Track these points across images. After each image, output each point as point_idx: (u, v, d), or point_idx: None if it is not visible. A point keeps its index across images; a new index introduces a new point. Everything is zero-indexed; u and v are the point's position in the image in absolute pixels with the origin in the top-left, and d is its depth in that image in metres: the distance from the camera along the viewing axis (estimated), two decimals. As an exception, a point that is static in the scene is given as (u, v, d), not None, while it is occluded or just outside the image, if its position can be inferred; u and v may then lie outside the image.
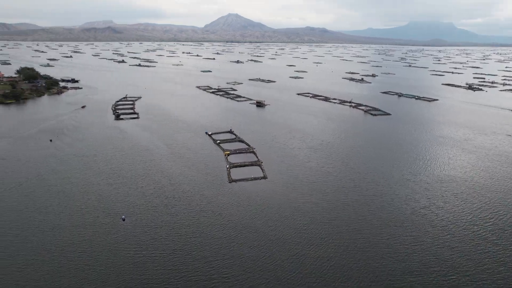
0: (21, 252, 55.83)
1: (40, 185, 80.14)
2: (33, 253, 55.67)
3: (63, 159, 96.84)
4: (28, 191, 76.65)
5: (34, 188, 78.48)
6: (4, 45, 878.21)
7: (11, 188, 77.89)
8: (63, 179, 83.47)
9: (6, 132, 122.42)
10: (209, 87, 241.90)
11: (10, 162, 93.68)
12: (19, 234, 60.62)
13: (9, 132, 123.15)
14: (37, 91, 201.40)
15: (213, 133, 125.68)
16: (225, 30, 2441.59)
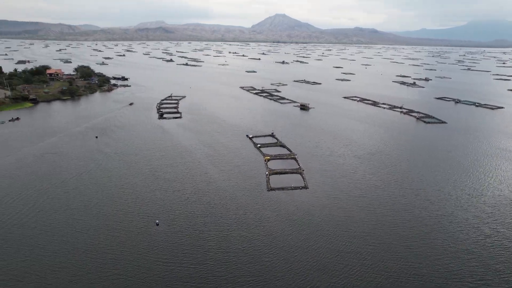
0: (57, 252, 55.80)
1: (82, 183, 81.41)
2: (68, 254, 55.41)
3: (105, 157, 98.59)
4: (70, 188, 78.07)
5: (76, 185, 79.81)
6: (68, 45, 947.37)
7: (56, 185, 79.94)
8: (103, 178, 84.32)
9: (59, 128, 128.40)
10: (253, 88, 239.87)
11: (58, 158, 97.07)
12: (57, 233, 61.09)
13: (61, 128, 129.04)
14: (90, 88, 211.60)
15: (254, 136, 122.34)
16: (272, 31, 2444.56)
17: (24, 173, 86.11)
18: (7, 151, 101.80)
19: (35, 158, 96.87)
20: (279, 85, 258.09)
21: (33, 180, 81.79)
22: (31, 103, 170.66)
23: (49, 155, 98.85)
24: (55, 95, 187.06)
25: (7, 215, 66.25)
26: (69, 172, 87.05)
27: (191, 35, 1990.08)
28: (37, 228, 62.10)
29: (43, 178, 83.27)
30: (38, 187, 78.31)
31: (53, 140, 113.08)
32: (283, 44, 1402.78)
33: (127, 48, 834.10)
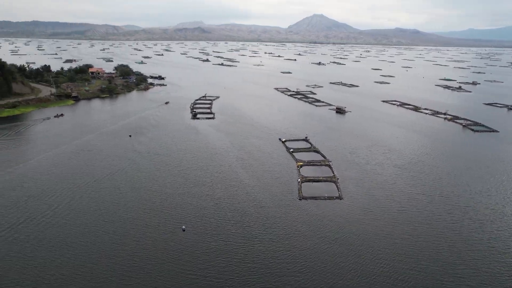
0: (82, 253, 55.38)
1: (112, 183, 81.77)
2: (93, 256, 54.83)
3: (137, 156, 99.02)
4: (101, 188, 78.59)
5: (107, 185, 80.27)
6: (111, 44, 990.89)
7: (89, 184, 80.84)
8: (134, 178, 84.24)
9: (96, 126, 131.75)
10: (287, 89, 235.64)
11: (93, 156, 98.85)
12: (86, 234, 60.97)
13: (98, 125, 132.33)
14: (128, 86, 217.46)
15: (287, 140, 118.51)
16: (308, 31, 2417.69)
17: (60, 170, 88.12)
18: (47, 147, 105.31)
19: (72, 155, 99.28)
20: (315, 87, 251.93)
21: (68, 178, 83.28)
22: (73, 101, 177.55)
23: (85, 153, 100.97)
24: (95, 93, 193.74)
25: (41, 212, 67.36)
26: (101, 171, 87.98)
27: (228, 35, 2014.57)
28: (67, 228, 62.39)
29: (77, 176, 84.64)
30: (72, 185, 79.53)
31: (89, 138, 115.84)
32: (319, 45, 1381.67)
33: (165, 48, 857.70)
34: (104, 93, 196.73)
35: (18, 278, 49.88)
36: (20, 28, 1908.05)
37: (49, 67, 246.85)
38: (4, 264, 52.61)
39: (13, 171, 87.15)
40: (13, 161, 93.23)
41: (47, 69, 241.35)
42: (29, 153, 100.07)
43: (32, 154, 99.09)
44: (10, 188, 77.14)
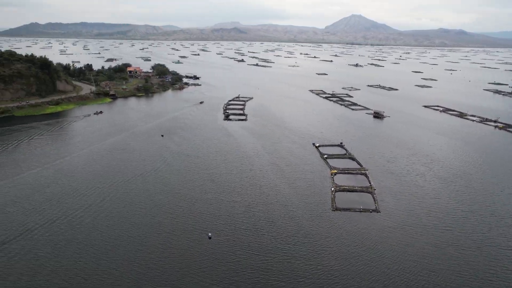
0: (107, 256, 54.59)
1: (141, 185, 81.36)
2: (117, 260, 53.85)
3: (168, 157, 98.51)
4: (130, 189, 78.32)
5: (136, 186, 79.94)
6: (150, 44, 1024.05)
7: (119, 184, 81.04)
8: (163, 180, 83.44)
9: (130, 124, 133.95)
10: (322, 91, 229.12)
11: (125, 155, 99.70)
12: (112, 236, 60.36)
13: (132, 124, 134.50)
14: (163, 86, 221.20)
15: (321, 145, 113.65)
16: (346, 32, 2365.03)
17: (93, 168, 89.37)
18: (83, 144, 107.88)
19: (106, 153, 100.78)
20: (351, 89, 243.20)
21: (100, 177, 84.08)
22: (110, 99, 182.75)
23: (118, 152, 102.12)
24: (132, 92, 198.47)
25: (72, 212, 67.90)
26: (132, 171, 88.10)
27: (264, 35, 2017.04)
28: (95, 229, 62.15)
29: (109, 175, 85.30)
30: (103, 185, 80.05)
31: (123, 136, 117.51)
32: (357, 46, 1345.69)
33: (202, 48, 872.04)
34: (140, 92, 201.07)
35: (40, 278, 49.82)
36: (70, 29, 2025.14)
37: (91, 66, 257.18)
38: (34, 263, 52.91)
39: (50, 167, 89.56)
40: (51, 157, 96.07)
41: (89, 68, 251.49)
42: (66, 150, 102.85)
43: (69, 151, 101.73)
44: (46, 184, 78.95)
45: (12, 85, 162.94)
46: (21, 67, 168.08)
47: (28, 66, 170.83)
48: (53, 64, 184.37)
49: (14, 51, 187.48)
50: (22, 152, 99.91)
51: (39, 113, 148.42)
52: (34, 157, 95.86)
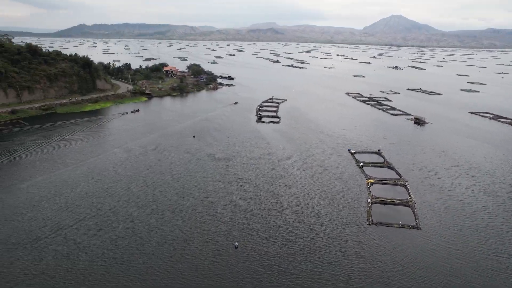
0: (128, 264, 53.54)
1: (170, 187, 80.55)
2: (138, 268, 52.63)
3: (198, 159, 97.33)
4: (159, 191, 77.68)
5: (165, 188, 79.20)
6: (187, 44, 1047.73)
7: (148, 185, 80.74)
8: (192, 183, 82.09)
9: (164, 123, 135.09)
10: (359, 94, 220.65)
11: (156, 155, 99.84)
12: (137, 240, 59.47)
13: (165, 123, 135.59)
14: (198, 85, 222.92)
15: (357, 152, 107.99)
16: (385, 33, 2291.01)
17: (125, 168, 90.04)
18: (118, 142, 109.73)
19: (138, 152, 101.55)
20: (390, 93, 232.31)
21: (131, 177, 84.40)
22: (146, 98, 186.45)
23: (150, 151, 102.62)
24: (167, 91, 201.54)
25: (102, 212, 68.10)
26: (162, 173, 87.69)
27: (300, 36, 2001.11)
28: (121, 233, 61.63)
29: (139, 175, 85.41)
30: (133, 185, 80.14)
31: (156, 136, 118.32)
32: (396, 48, 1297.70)
33: (237, 48, 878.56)
34: (175, 92, 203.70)
35: (59, 278, 49.55)
36: (114, 30, 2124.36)
37: (129, 65, 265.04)
38: (64, 262, 53.01)
39: (84, 164, 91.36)
40: (87, 154, 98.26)
41: (127, 67, 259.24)
42: (101, 148, 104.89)
43: (104, 149, 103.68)
44: (78, 183, 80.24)
45: (56, 83, 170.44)
46: (65, 66, 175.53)
47: (71, 65, 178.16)
48: (94, 63, 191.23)
49: (60, 51, 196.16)
50: (61, 149, 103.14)
51: (79, 111, 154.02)
52: (71, 154, 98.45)
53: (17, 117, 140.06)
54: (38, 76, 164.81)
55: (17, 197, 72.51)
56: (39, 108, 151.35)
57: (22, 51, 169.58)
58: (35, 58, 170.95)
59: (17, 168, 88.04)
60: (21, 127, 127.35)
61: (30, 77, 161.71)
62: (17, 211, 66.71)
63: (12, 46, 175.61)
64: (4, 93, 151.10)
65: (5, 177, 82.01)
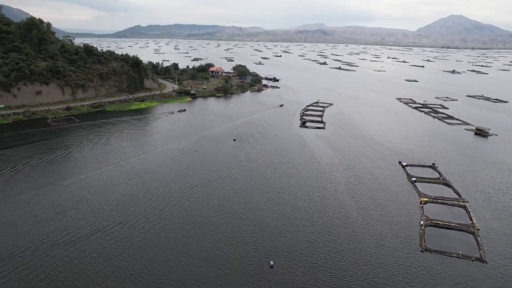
0: (155, 279, 51.20)
1: (205, 193, 78.03)
2: (165, 283, 50.16)
3: (236, 165, 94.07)
4: (194, 198, 75.36)
5: (201, 195, 76.77)
6: (235, 45, 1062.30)
7: (185, 191, 78.93)
8: (228, 190, 78.88)
9: (206, 125, 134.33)
10: (412, 100, 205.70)
11: (196, 158, 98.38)
12: (169, 251, 57.15)
13: (208, 125, 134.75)
14: (242, 87, 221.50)
15: (409, 164, 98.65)
16: (441, 34, 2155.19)
17: (163, 170, 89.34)
18: (160, 142, 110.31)
19: (178, 154, 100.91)
20: (447, 99, 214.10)
21: (167, 181, 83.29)
22: (190, 98, 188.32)
23: (189, 154, 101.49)
24: (211, 92, 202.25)
25: (135, 218, 67.13)
26: (199, 178, 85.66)
27: (349, 37, 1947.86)
28: (151, 242, 59.85)
29: (176, 179, 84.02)
30: (168, 189, 78.84)
31: (197, 137, 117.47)
32: (454, 50, 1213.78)
33: (284, 49, 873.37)
34: (219, 92, 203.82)
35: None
36: (165, 31, 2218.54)
37: (177, 65, 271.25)
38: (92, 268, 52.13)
39: (125, 164, 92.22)
40: (128, 154, 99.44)
41: (175, 66, 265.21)
42: (142, 148, 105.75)
43: (144, 149, 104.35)
44: (117, 183, 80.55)
45: (107, 82, 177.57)
46: (116, 66, 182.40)
47: (122, 65, 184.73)
48: (142, 63, 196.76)
49: (113, 51, 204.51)
50: (107, 146, 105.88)
51: (126, 109, 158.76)
52: (113, 153, 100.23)
53: (70, 113, 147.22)
54: (92, 75, 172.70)
55: (59, 194, 74.08)
56: (90, 106, 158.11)
57: (79, 51, 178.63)
58: (90, 57, 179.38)
59: (66, 164, 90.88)
60: (74, 123, 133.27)
61: (85, 76, 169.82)
62: (58, 209, 67.79)
63: (71, 46, 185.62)
64: (61, 90, 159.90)
65: (54, 173, 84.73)
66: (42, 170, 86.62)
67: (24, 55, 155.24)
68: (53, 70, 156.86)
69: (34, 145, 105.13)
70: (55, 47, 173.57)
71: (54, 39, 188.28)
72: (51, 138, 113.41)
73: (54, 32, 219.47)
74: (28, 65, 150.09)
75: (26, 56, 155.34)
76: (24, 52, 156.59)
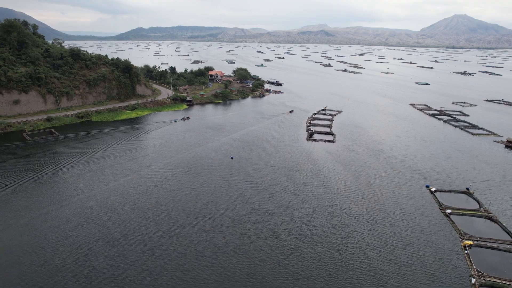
0: None
1: (193, 240, 62.43)
2: None
3: (234, 192, 78.10)
4: (180, 250, 59.91)
5: (186, 245, 61.23)
6: (237, 46, 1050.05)
7: (175, 230, 63.36)
8: (221, 236, 63.13)
9: (201, 138, 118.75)
10: (427, 106, 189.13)
11: (186, 181, 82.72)
12: None
13: (203, 138, 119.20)
14: (243, 92, 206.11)
15: (439, 190, 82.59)
16: (445, 34, 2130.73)
17: (144, 201, 73.75)
18: (148, 161, 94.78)
19: (168, 175, 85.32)
20: (465, 105, 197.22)
21: (147, 219, 67.70)
22: (186, 105, 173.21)
23: (180, 175, 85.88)
24: (209, 98, 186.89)
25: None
26: (189, 214, 70.07)
27: (352, 38, 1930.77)
28: None
29: (159, 217, 68.39)
30: (147, 232, 63.22)
31: (190, 154, 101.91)
32: (460, 50, 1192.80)
33: (287, 51, 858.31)
34: (218, 99, 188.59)
35: None
36: (168, 33, 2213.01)
37: (174, 68, 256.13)
38: None
39: (97, 194, 76.82)
40: (104, 179, 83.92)
41: (172, 70, 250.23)
42: (122, 171, 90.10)
43: (123, 173, 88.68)
44: (90, 217, 65.03)
45: (95, 88, 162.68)
46: (105, 71, 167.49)
47: (112, 70, 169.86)
48: (134, 67, 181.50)
49: (104, 55, 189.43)
50: (90, 166, 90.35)
51: (114, 119, 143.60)
52: (85, 180, 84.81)
53: (51, 125, 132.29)
54: (78, 81, 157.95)
55: (19, 236, 58.80)
56: (75, 116, 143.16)
57: (64, 55, 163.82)
58: (77, 62, 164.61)
59: (33, 193, 75.72)
60: (52, 137, 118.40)
61: (70, 83, 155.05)
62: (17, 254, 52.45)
63: (57, 50, 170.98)
64: (43, 99, 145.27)
65: (16, 206, 69.54)
66: (2, 203, 71.38)
67: (1, 61, 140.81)
68: (34, 77, 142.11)
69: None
70: (38, 51, 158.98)
71: (39, 43, 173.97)
72: (22, 157, 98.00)
73: (42, 36, 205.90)
74: (5, 72, 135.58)
75: (3, 62, 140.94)
76: (1, 57, 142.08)
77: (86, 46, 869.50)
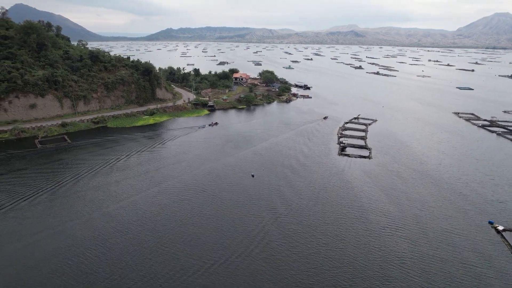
0: None
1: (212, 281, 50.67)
2: None
3: (255, 221, 65.95)
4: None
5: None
6: (265, 47, 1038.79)
7: (177, 279, 51.92)
8: (235, 272, 51.21)
9: (218, 151, 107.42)
10: (474, 115, 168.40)
11: (201, 205, 71.29)
12: None
13: (220, 151, 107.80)
14: (268, 97, 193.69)
15: (507, 229, 66.43)
16: (485, 34, 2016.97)
17: (147, 232, 63.01)
18: (155, 180, 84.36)
19: (176, 198, 74.32)
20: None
21: (150, 257, 56.83)
22: (208, 111, 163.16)
23: (196, 197, 74.59)
24: (232, 103, 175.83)
25: None
26: (203, 251, 58.55)
27: (382, 39, 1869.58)
28: None
29: (168, 257, 57.41)
30: (148, 280, 52.20)
31: (208, 168, 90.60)
32: (502, 51, 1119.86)
33: (316, 52, 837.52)
34: (241, 104, 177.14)
35: None
36: (196, 33, 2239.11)
37: (198, 70, 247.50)
38: None
39: (93, 219, 66.90)
40: (105, 201, 74.18)
41: (196, 72, 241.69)
42: (128, 190, 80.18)
43: (130, 192, 78.69)
44: (71, 254, 54.96)
45: (114, 92, 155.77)
46: (124, 74, 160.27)
47: (131, 73, 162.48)
48: (155, 70, 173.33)
49: (125, 57, 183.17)
50: (95, 181, 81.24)
51: (130, 125, 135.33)
52: (81, 202, 75.39)
53: (65, 131, 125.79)
54: (96, 84, 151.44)
55: None
56: (91, 121, 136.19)
57: (84, 57, 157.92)
58: (96, 64, 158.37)
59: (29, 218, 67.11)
60: (63, 145, 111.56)
61: (88, 86, 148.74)
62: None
63: (77, 52, 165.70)
64: (59, 103, 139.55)
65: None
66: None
67: (19, 63, 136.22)
68: (50, 80, 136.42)
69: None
70: (58, 53, 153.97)
71: (62, 44, 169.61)
72: (26, 169, 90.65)
73: (67, 37, 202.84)
74: (22, 75, 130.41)
75: (22, 64, 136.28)
76: (19, 59, 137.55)
77: (117, 46, 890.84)
